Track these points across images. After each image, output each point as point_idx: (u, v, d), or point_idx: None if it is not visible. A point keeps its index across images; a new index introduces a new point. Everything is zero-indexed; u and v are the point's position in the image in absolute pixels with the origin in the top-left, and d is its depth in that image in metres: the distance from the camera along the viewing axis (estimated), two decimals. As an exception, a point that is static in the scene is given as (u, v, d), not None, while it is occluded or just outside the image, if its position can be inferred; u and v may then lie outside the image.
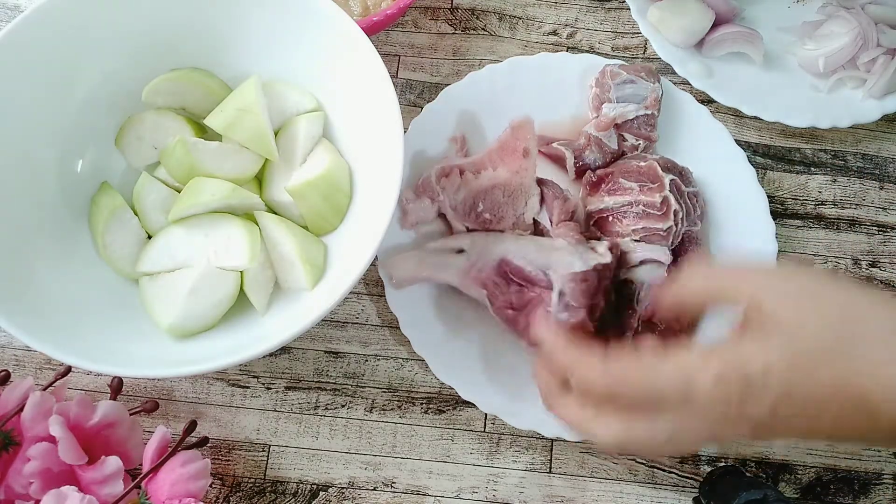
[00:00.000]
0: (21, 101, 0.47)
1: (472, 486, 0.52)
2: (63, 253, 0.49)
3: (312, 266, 0.48)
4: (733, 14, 0.62)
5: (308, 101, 0.52)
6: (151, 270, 0.49)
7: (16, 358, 0.54)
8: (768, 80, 0.61)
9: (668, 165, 0.54)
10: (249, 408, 0.53)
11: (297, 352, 0.55)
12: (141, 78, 0.51)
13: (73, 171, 0.51)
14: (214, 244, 0.48)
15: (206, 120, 0.50)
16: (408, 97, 0.62)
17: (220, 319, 0.48)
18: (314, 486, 0.52)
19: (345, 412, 0.53)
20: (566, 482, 0.52)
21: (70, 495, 0.42)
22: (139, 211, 0.50)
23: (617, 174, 0.54)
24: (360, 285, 0.56)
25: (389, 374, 0.54)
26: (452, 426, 0.53)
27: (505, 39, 0.64)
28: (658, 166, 0.54)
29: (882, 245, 0.59)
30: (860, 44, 0.60)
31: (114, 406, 0.47)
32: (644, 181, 0.53)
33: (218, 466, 0.52)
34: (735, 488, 0.46)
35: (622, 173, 0.54)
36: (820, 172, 0.61)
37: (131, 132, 0.52)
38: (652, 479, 0.52)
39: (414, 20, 0.64)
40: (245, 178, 0.51)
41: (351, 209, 0.51)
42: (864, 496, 0.52)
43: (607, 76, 0.57)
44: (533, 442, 0.53)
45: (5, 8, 0.64)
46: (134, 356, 0.45)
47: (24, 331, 0.41)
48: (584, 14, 0.65)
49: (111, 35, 0.49)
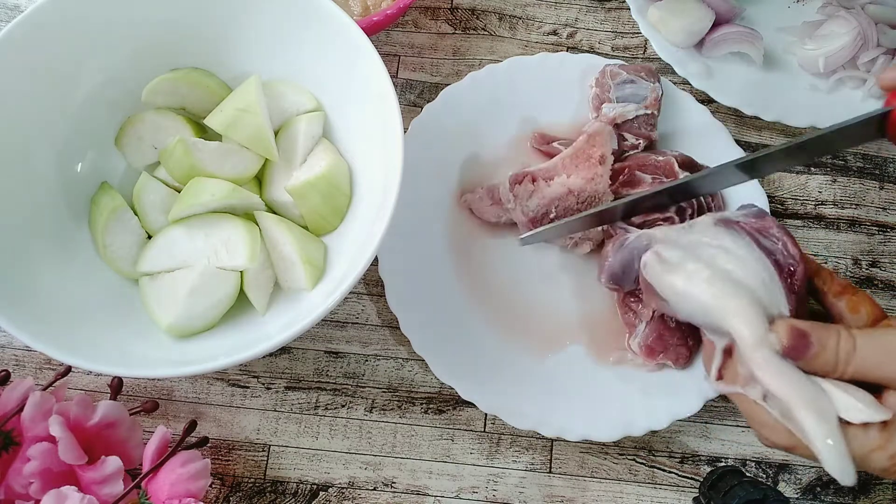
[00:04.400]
0: (21, 101, 0.47)
1: (472, 486, 0.52)
2: (63, 253, 0.48)
3: (312, 266, 0.48)
4: (733, 14, 0.62)
5: (308, 101, 0.52)
6: (151, 270, 0.49)
7: (16, 358, 0.54)
8: (768, 80, 0.61)
9: (687, 162, 0.54)
10: (249, 408, 0.53)
11: (297, 352, 0.55)
12: (141, 78, 0.51)
13: (73, 171, 0.51)
14: (214, 244, 0.48)
15: (206, 120, 0.50)
16: (408, 97, 0.62)
17: (220, 319, 0.48)
18: (314, 486, 0.52)
19: (345, 412, 0.53)
20: (566, 482, 0.52)
21: (70, 495, 0.42)
22: (139, 211, 0.50)
23: (634, 167, 0.54)
24: (360, 285, 0.56)
25: (389, 374, 0.54)
26: (452, 426, 0.53)
27: (505, 39, 0.64)
28: (675, 162, 0.54)
29: (882, 245, 0.59)
30: (860, 44, 0.60)
31: (114, 406, 0.47)
32: (659, 175, 0.53)
33: (218, 466, 0.52)
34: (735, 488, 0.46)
35: (638, 166, 0.54)
36: (820, 172, 0.61)
37: (131, 132, 0.52)
38: (652, 479, 0.52)
39: (414, 20, 0.64)
40: (245, 178, 0.51)
41: (351, 209, 0.51)
42: (864, 496, 0.52)
43: (607, 76, 0.57)
44: (533, 442, 0.53)
45: (5, 8, 0.64)
46: (134, 356, 0.45)
47: (24, 331, 0.41)
48: (584, 14, 0.65)
49: (111, 35, 0.49)
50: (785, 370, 0.36)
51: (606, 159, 0.53)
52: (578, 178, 0.53)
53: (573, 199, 0.53)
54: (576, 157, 0.53)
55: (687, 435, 0.53)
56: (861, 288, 0.55)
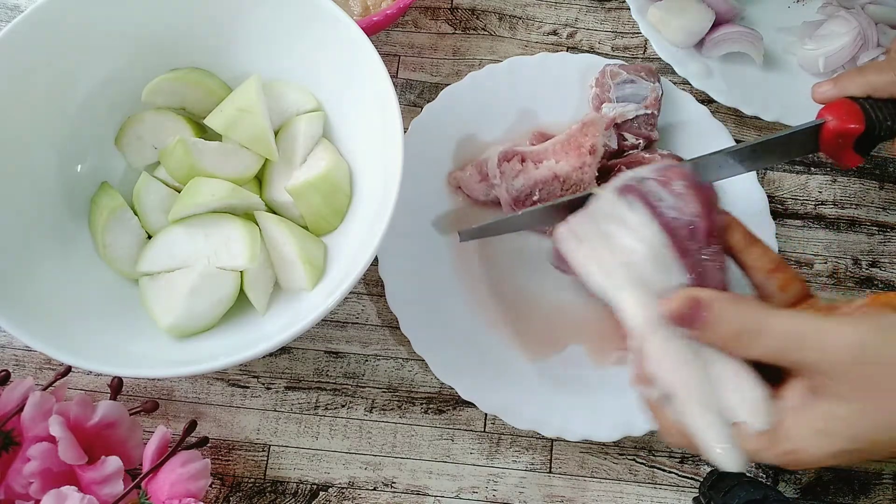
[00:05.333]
0: (21, 102, 0.47)
1: (472, 486, 0.52)
2: (63, 253, 0.48)
3: (312, 266, 0.48)
4: (733, 14, 0.62)
5: (308, 101, 0.52)
6: (151, 270, 0.49)
7: (16, 358, 0.54)
8: (768, 80, 0.61)
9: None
10: (249, 408, 0.53)
11: (297, 352, 0.55)
12: (141, 78, 0.51)
13: (73, 171, 0.51)
14: (214, 244, 0.48)
15: (206, 120, 0.50)
16: (408, 97, 0.62)
17: (220, 319, 0.48)
18: (314, 486, 0.52)
19: (345, 412, 0.53)
20: (566, 482, 0.52)
21: (70, 495, 0.42)
22: (139, 211, 0.50)
23: (623, 166, 0.55)
24: (360, 285, 0.56)
25: (389, 374, 0.54)
26: (452, 426, 0.53)
27: (505, 39, 0.64)
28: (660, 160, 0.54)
29: (882, 245, 0.59)
30: (860, 44, 0.60)
31: (114, 406, 0.47)
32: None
33: (218, 466, 0.52)
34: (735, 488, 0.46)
35: (627, 164, 0.55)
36: (820, 172, 0.61)
37: (131, 132, 0.52)
38: (652, 479, 0.52)
39: (414, 20, 0.64)
40: (245, 178, 0.51)
41: (351, 209, 0.51)
42: (864, 496, 0.52)
43: (607, 76, 0.57)
44: (533, 442, 0.53)
45: (5, 8, 0.64)
46: (134, 356, 0.45)
47: (24, 331, 0.41)
48: (584, 14, 0.65)
49: (111, 35, 0.49)
50: (677, 360, 0.34)
51: (597, 150, 0.53)
52: (567, 164, 0.53)
53: (558, 185, 0.53)
54: (567, 144, 0.54)
55: (687, 435, 0.53)
56: (863, 287, 0.56)
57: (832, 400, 0.29)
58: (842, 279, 0.58)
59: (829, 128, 0.43)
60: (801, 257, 0.58)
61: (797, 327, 0.30)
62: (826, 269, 0.58)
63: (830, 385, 0.29)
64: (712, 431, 0.32)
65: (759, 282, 0.37)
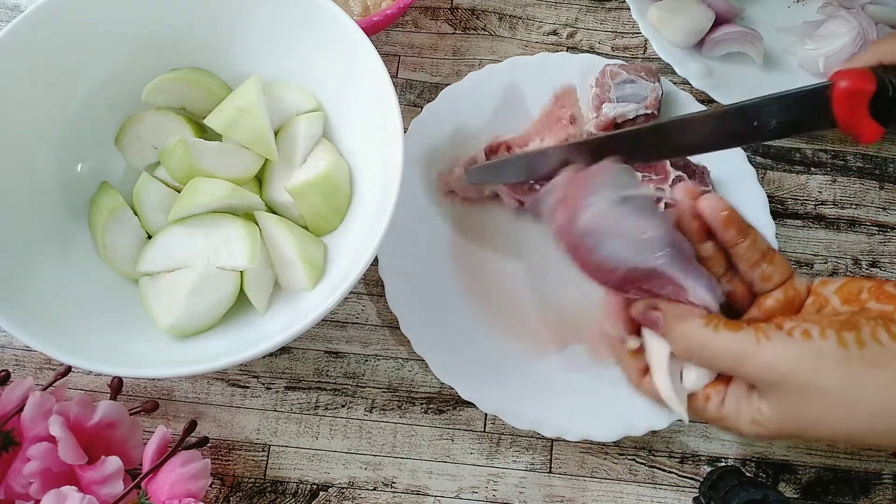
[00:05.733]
0: (21, 101, 0.47)
1: (472, 486, 0.52)
2: (63, 253, 0.48)
3: (312, 266, 0.48)
4: (733, 14, 0.62)
5: (308, 101, 0.52)
6: (151, 270, 0.49)
7: (16, 358, 0.54)
8: (768, 80, 0.61)
9: (682, 163, 0.54)
10: (249, 408, 0.53)
11: (297, 352, 0.55)
12: (141, 78, 0.51)
13: (73, 171, 0.51)
14: (214, 244, 0.48)
15: (206, 120, 0.50)
16: (408, 97, 0.62)
17: (220, 319, 0.48)
18: (314, 486, 0.52)
19: (345, 412, 0.53)
20: (566, 482, 0.52)
21: (70, 495, 0.42)
22: (139, 211, 0.50)
23: None
24: (360, 285, 0.56)
25: (389, 374, 0.54)
26: (452, 426, 0.53)
27: (505, 39, 0.64)
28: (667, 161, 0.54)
29: (882, 245, 0.59)
30: (860, 44, 0.60)
31: (114, 406, 0.47)
32: (649, 173, 0.54)
33: (218, 466, 0.52)
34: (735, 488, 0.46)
35: None
36: (820, 172, 0.61)
37: (131, 132, 0.52)
38: (652, 479, 0.52)
39: (414, 20, 0.64)
40: (245, 178, 0.51)
41: (351, 209, 0.51)
42: (864, 496, 0.52)
43: (607, 76, 0.57)
44: (533, 442, 0.53)
45: (5, 8, 0.64)
46: (134, 356, 0.45)
47: (24, 331, 0.41)
48: (584, 14, 0.65)
49: (111, 35, 0.49)
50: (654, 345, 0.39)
51: (577, 119, 0.53)
52: (553, 139, 0.53)
53: None
54: (546, 120, 0.53)
55: (687, 435, 0.53)
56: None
57: (762, 401, 0.35)
58: (842, 279, 0.58)
59: (839, 88, 0.38)
60: (801, 257, 0.58)
61: (737, 348, 0.35)
62: (826, 269, 0.58)
63: (763, 390, 0.35)
64: (669, 391, 0.38)
65: (744, 272, 0.39)
